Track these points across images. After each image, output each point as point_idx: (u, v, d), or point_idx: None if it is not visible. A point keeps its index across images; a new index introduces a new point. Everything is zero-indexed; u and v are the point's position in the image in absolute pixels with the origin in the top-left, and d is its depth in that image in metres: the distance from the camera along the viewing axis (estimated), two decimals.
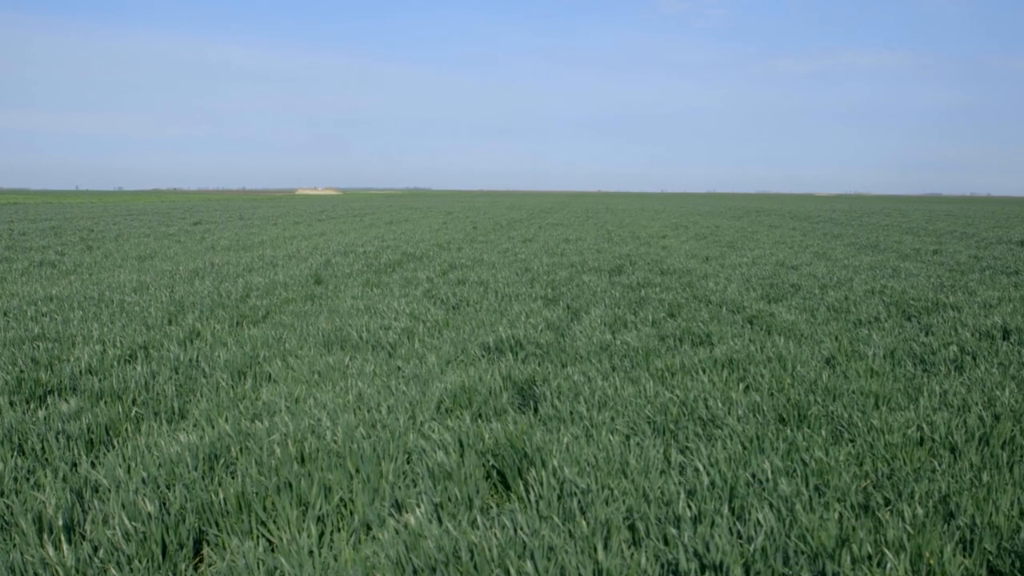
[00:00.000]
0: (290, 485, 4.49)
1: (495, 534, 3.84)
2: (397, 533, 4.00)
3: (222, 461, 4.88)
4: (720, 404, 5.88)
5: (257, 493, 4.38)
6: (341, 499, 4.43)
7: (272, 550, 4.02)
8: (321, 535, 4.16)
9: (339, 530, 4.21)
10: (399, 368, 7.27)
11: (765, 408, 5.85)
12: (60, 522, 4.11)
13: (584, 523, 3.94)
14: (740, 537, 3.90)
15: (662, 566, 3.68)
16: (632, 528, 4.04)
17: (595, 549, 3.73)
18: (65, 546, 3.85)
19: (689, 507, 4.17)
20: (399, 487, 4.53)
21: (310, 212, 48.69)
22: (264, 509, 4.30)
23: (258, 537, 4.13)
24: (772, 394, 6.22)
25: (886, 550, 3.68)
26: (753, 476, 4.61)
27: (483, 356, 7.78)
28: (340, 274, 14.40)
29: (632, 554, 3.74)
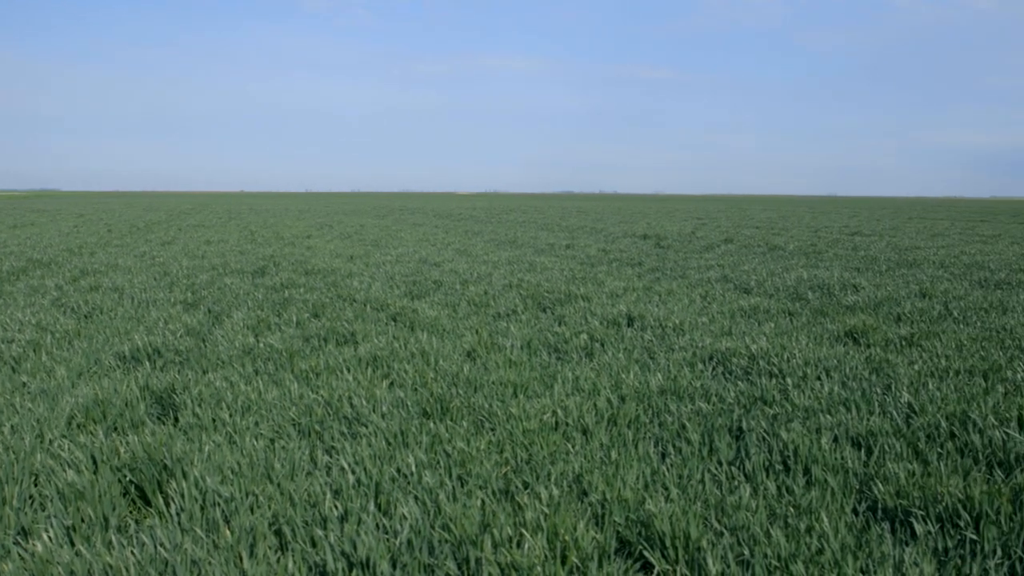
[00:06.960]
0: None
1: (132, 553, 3.67)
2: (23, 561, 3.72)
3: None
4: (365, 402, 5.95)
5: None
6: None
7: None
8: None
9: None
10: (24, 383, 6.75)
11: (409, 403, 5.98)
12: None
13: (229, 532, 3.86)
14: (387, 532, 3.97)
15: (310, 568, 3.68)
16: (279, 533, 4.00)
17: (240, 558, 3.66)
18: None
19: (336, 507, 4.19)
20: (25, 512, 4.21)
21: None
22: None
23: None
24: (416, 389, 6.36)
25: (524, 531, 3.88)
26: (398, 471, 4.71)
27: (119, 366, 7.39)
28: None
29: (279, 559, 3.72)
